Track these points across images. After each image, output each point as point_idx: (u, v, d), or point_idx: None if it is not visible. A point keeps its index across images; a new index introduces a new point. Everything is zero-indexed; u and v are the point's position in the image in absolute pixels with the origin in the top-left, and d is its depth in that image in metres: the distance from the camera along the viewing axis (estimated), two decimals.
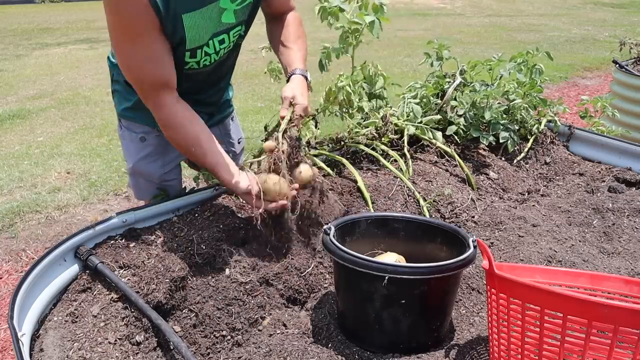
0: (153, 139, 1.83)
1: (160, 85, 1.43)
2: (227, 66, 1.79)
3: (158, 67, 1.41)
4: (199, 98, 1.74)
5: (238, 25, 1.57)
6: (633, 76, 3.97)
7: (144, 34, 1.35)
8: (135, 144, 1.86)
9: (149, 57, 1.39)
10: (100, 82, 7.35)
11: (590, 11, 14.10)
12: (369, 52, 9.03)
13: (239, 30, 1.59)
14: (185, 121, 1.47)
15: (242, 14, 1.55)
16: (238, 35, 1.61)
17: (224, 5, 1.48)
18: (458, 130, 2.09)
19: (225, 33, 1.55)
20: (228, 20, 1.52)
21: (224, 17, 1.50)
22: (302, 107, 1.57)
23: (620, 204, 1.80)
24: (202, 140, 1.48)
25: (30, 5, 16.84)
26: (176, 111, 1.46)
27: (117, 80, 1.81)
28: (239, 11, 1.53)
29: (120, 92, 1.82)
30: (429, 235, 1.36)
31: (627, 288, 1.14)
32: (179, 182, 1.99)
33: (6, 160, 4.69)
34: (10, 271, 3.14)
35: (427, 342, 1.23)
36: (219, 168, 1.49)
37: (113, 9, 1.33)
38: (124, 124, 1.87)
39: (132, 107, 1.80)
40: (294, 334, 1.29)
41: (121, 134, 1.91)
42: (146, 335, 1.24)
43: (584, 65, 8.11)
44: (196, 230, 1.51)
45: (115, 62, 1.78)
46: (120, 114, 1.86)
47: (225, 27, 1.53)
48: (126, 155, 1.91)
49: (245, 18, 1.58)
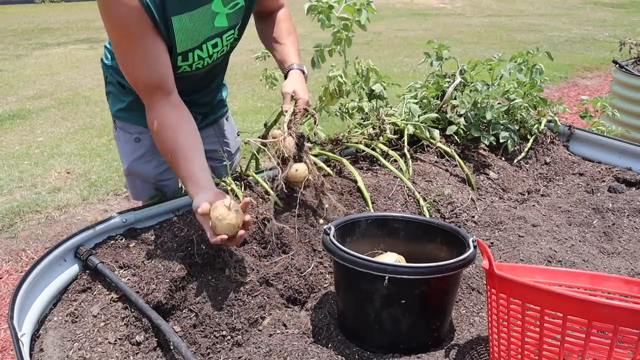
0: (147, 139, 1.83)
1: (153, 87, 1.42)
2: (219, 68, 1.80)
3: (152, 69, 1.41)
4: (193, 99, 1.74)
5: (231, 29, 1.57)
6: (633, 76, 3.97)
7: (137, 37, 1.36)
8: (129, 145, 1.86)
9: (143, 59, 1.39)
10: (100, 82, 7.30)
11: (590, 11, 14.10)
12: (369, 52, 9.05)
13: (232, 34, 1.59)
14: (169, 127, 1.42)
15: (235, 18, 1.56)
16: (232, 39, 1.61)
17: (216, 9, 1.48)
18: (458, 130, 2.10)
19: (218, 37, 1.55)
20: (221, 24, 1.52)
21: (217, 21, 1.50)
22: (303, 101, 1.58)
23: (620, 204, 1.80)
24: (179, 150, 1.40)
25: (30, 5, 16.84)
26: (162, 115, 1.42)
27: (111, 82, 1.82)
28: (231, 15, 1.53)
29: (114, 93, 1.83)
30: (429, 235, 1.36)
31: (627, 288, 1.14)
32: (175, 181, 1.99)
33: (6, 160, 4.69)
34: (10, 271, 3.14)
35: (427, 342, 1.23)
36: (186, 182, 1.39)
37: (107, 13, 1.34)
38: (118, 124, 1.88)
39: (126, 108, 1.81)
40: (294, 334, 1.29)
41: (116, 134, 1.91)
42: (146, 335, 1.24)
43: (584, 65, 8.11)
44: (196, 230, 1.51)
45: (108, 63, 1.79)
46: (114, 115, 1.86)
47: (218, 31, 1.54)
48: (122, 156, 1.92)
49: (238, 22, 1.58)
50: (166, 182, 1.95)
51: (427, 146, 2.07)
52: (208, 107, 1.95)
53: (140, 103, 1.51)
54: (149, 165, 1.88)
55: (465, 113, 2.12)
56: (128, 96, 1.78)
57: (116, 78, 1.78)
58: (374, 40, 10.19)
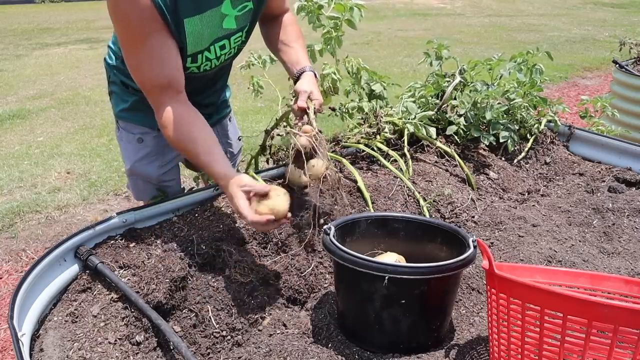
0: (150, 139, 1.83)
1: (163, 86, 1.42)
2: (225, 69, 1.80)
3: (162, 69, 1.41)
4: (198, 100, 1.74)
5: (239, 31, 1.57)
6: (633, 76, 3.97)
7: (148, 37, 1.36)
8: (132, 145, 1.86)
9: (153, 58, 1.39)
10: (100, 82, 7.35)
11: (590, 11, 14.10)
12: (369, 52, 9.05)
13: (240, 36, 1.60)
14: (184, 121, 1.44)
15: (243, 20, 1.56)
16: (240, 41, 1.62)
17: (225, 11, 1.48)
18: (458, 130, 2.10)
19: (226, 39, 1.55)
20: (229, 26, 1.52)
21: (225, 23, 1.51)
22: (319, 102, 1.59)
23: (620, 204, 1.80)
24: (197, 141, 1.43)
25: (30, 5, 16.83)
26: (175, 111, 1.44)
27: (114, 82, 1.81)
28: (240, 17, 1.54)
29: (117, 93, 1.82)
30: (429, 236, 1.36)
31: (627, 288, 1.14)
32: (177, 183, 1.99)
33: (6, 160, 4.69)
34: (10, 271, 3.14)
35: (427, 342, 1.23)
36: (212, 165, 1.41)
37: (117, 12, 1.33)
38: (121, 125, 1.87)
39: (130, 108, 1.80)
40: (294, 334, 1.29)
41: (119, 135, 1.91)
42: (146, 335, 1.24)
43: (584, 65, 8.11)
44: (196, 230, 1.51)
45: (112, 63, 1.78)
46: (117, 115, 1.86)
47: (227, 33, 1.54)
48: (124, 157, 1.91)
49: (246, 24, 1.59)
50: (168, 183, 1.95)
51: (427, 146, 2.07)
52: (212, 107, 1.95)
53: (144, 103, 1.51)
54: (152, 166, 1.88)
55: (465, 113, 2.12)
56: (131, 96, 1.77)
57: (120, 78, 1.77)
58: (374, 40, 10.19)
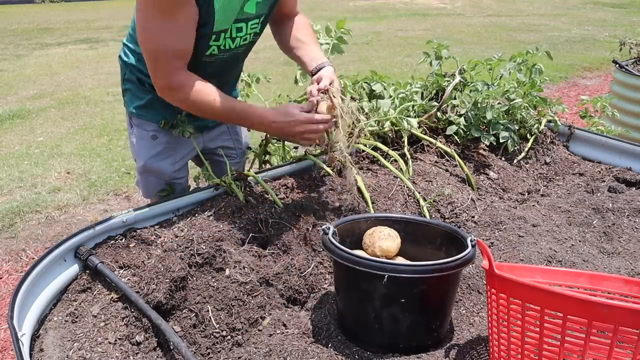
0: (164, 136, 1.84)
1: (181, 55, 1.51)
2: (237, 60, 1.81)
3: (184, 40, 1.49)
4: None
5: (256, 17, 1.62)
6: (633, 76, 3.97)
7: (181, 7, 1.42)
8: (146, 142, 1.86)
9: (179, 29, 1.46)
10: (100, 82, 7.36)
11: (590, 11, 14.10)
12: (369, 52, 9.06)
13: (256, 23, 1.64)
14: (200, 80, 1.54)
15: (262, 8, 1.61)
16: (255, 30, 1.66)
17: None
18: (458, 130, 2.09)
19: (244, 22, 1.59)
20: (249, 11, 1.58)
21: (247, 6, 1.56)
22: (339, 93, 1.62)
23: (620, 204, 1.80)
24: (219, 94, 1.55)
25: (30, 5, 16.84)
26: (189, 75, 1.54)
27: (129, 79, 1.81)
28: (260, 4, 1.59)
29: (132, 90, 1.82)
30: (428, 236, 1.36)
31: (627, 288, 1.14)
32: (186, 180, 2.01)
33: (6, 160, 4.70)
34: (10, 271, 3.14)
35: (427, 342, 1.23)
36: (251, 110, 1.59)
37: None
38: (135, 122, 1.87)
39: (145, 106, 1.81)
40: (294, 334, 1.29)
41: (131, 132, 1.90)
42: (146, 335, 1.24)
43: (584, 65, 8.11)
44: (196, 230, 1.51)
45: (128, 61, 1.78)
46: (131, 112, 1.85)
47: (246, 17, 1.58)
48: (136, 154, 1.91)
49: (263, 13, 1.63)
50: (179, 180, 1.96)
51: (427, 146, 2.07)
52: None
53: (159, 100, 1.57)
54: (166, 163, 1.89)
55: (465, 113, 2.12)
56: (147, 94, 1.77)
57: (136, 75, 1.78)
58: (373, 40, 10.19)
